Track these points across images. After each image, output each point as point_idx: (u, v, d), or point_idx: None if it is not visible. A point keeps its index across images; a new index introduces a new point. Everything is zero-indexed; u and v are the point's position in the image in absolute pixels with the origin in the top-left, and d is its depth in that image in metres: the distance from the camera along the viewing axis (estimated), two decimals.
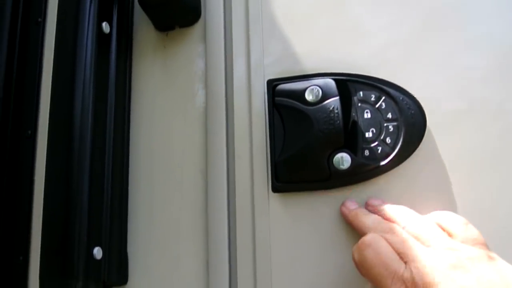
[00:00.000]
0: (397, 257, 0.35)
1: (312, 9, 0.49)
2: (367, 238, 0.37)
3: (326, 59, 0.47)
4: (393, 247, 0.36)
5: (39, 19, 0.55)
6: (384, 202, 0.42)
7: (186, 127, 0.51)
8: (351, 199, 0.44)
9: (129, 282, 0.50)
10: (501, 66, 0.44)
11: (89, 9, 0.46)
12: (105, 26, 0.49)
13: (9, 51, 0.54)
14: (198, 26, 0.53)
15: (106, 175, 0.49)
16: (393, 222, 0.39)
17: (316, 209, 0.45)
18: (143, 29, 0.55)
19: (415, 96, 0.44)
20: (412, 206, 0.42)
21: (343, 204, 0.44)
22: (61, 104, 0.47)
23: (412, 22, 0.46)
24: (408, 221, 0.39)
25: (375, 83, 0.45)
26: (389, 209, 0.41)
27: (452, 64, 0.45)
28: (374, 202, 0.43)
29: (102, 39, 0.49)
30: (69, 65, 0.46)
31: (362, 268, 0.37)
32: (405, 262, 0.35)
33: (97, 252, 0.46)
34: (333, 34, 0.48)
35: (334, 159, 0.44)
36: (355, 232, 0.43)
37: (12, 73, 0.55)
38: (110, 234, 0.48)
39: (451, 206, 0.42)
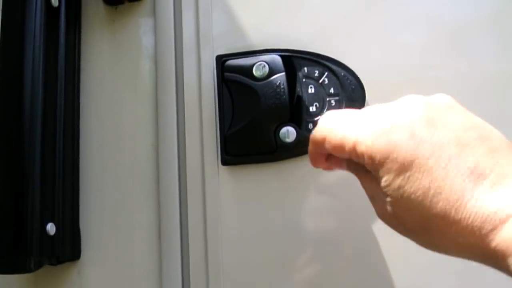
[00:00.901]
0: None
1: None
2: None
3: (273, 35, 0.49)
4: None
5: None
6: None
7: (137, 101, 0.52)
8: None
9: (82, 257, 0.51)
10: (437, 42, 0.47)
11: None
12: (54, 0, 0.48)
13: None
14: (147, 0, 0.53)
15: (57, 151, 0.49)
16: None
17: (263, 180, 0.47)
18: (92, 2, 0.54)
19: (355, 71, 0.47)
20: (354, 179, 0.45)
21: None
22: (10, 78, 0.46)
23: (353, 1, 0.49)
24: None
25: (319, 59, 0.47)
26: None
27: (391, 40, 0.47)
28: None
29: (50, 13, 0.48)
30: (17, 39, 0.45)
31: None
32: None
33: (51, 228, 0.47)
34: (279, 11, 0.50)
35: (280, 133, 0.46)
36: (301, 203, 0.46)
37: None
38: (62, 210, 0.49)
39: None
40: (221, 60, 0.48)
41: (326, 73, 0.47)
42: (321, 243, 0.45)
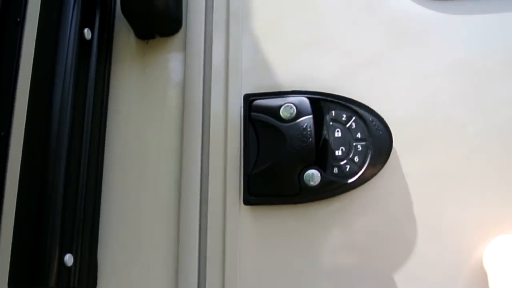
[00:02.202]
0: None
1: (291, 28, 0.51)
2: None
3: (301, 75, 0.49)
4: None
5: (18, 19, 0.55)
6: None
7: (162, 136, 0.52)
8: None
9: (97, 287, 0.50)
10: (467, 91, 0.46)
11: (72, 15, 0.46)
12: (87, 33, 0.49)
13: None
14: (178, 36, 0.54)
15: (80, 182, 0.49)
16: None
17: (285, 222, 0.47)
18: (124, 36, 0.55)
19: (383, 117, 0.46)
20: (375, 223, 0.45)
21: None
22: (39, 107, 0.47)
23: (384, 46, 0.49)
24: None
25: (347, 103, 0.47)
26: None
27: (421, 87, 0.47)
28: None
29: (83, 45, 0.49)
30: (49, 70, 0.46)
31: None
32: None
33: (68, 259, 0.46)
34: (309, 53, 0.50)
35: (304, 175, 0.45)
36: (322, 246, 0.45)
37: None
38: (81, 241, 0.49)
39: (411, 223, 0.45)
40: (248, 100, 0.49)
41: (354, 118, 0.46)
42: (341, 285, 0.44)
